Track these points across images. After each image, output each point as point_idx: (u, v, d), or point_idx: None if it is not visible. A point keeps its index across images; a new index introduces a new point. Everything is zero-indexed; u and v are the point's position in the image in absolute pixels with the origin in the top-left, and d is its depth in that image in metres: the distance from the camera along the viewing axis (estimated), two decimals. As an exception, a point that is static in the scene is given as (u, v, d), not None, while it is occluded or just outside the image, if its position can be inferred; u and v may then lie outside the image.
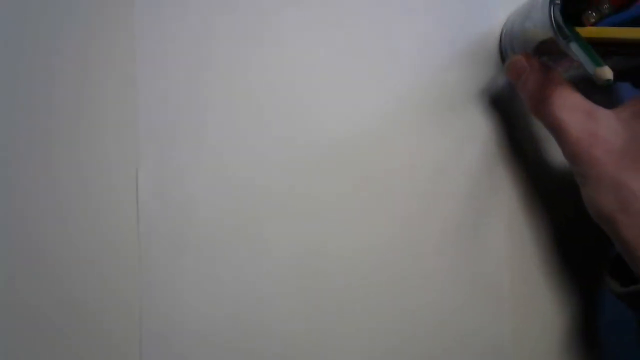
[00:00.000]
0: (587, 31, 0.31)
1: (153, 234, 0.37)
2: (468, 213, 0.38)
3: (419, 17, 0.38)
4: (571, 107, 0.31)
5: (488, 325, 0.37)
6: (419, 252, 0.37)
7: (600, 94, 0.34)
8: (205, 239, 0.37)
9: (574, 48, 0.30)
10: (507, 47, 0.37)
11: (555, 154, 0.38)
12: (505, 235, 0.38)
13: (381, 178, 0.37)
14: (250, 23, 0.38)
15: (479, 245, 0.38)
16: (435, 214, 0.37)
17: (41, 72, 0.37)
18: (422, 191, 0.37)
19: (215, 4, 0.38)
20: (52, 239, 0.37)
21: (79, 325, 0.37)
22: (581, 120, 0.31)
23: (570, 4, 0.33)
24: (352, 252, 0.37)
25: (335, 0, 0.38)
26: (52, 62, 0.37)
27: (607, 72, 0.27)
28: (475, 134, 0.38)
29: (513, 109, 0.38)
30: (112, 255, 0.37)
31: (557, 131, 0.31)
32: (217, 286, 0.37)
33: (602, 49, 0.30)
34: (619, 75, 0.29)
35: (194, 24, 0.37)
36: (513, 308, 0.38)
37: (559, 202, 0.38)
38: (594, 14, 0.32)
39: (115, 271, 0.37)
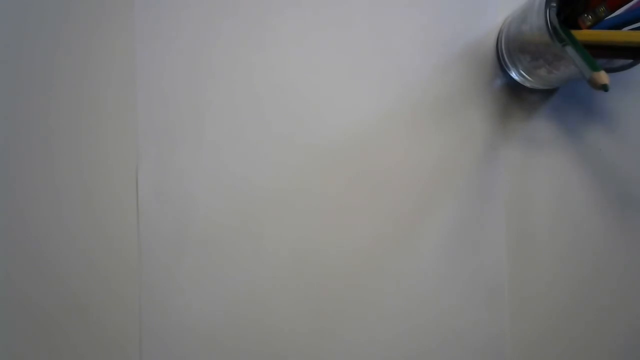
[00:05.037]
0: (583, 34, 0.32)
1: (153, 234, 0.37)
2: (466, 212, 0.38)
3: (418, 20, 0.38)
4: None
5: (487, 324, 0.38)
6: (418, 250, 0.38)
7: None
8: (204, 238, 0.37)
9: (570, 52, 0.30)
10: (504, 50, 0.37)
11: (553, 154, 0.38)
12: (503, 234, 0.38)
13: (380, 177, 0.38)
14: (250, 23, 0.38)
15: (477, 244, 0.38)
16: (435, 213, 0.38)
17: (41, 72, 0.37)
18: (421, 190, 0.38)
19: (215, 4, 0.38)
20: (52, 238, 0.37)
21: (80, 324, 0.37)
22: None
23: (566, 7, 0.33)
24: (352, 251, 0.37)
25: (335, 2, 0.38)
26: (52, 62, 0.37)
27: (603, 77, 0.27)
28: (472, 134, 0.38)
29: (509, 109, 0.38)
30: (112, 255, 0.37)
31: None
32: (217, 286, 0.37)
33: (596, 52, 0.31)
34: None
35: (194, 24, 0.38)
36: (512, 307, 0.38)
37: (558, 202, 0.38)
38: (590, 16, 0.33)
39: (115, 271, 0.37)
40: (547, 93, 0.38)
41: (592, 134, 0.38)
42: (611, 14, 0.33)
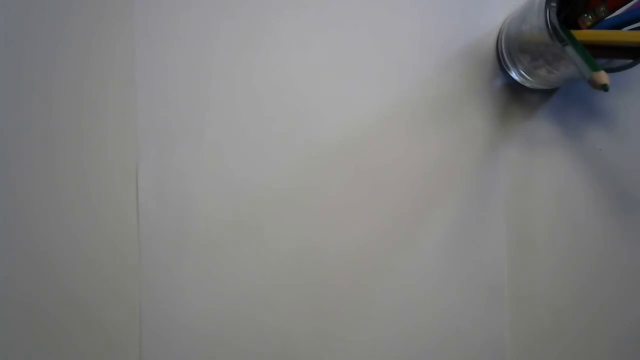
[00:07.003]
0: (583, 34, 0.32)
1: (153, 234, 0.37)
2: (466, 211, 0.38)
3: (418, 20, 0.38)
4: None
5: (487, 324, 0.38)
6: (418, 250, 0.38)
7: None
8: (205, 238, 0.37)
9: (570, 52, 0.30)
10: (504, 50, 0.37)
11: (553, 154, 0.38)
12: (503, 234, 0.38)
13: (380, 177, 0.38)
14: (250, 23, 0.38)
15: (477, 244, 0.38)
16: (435, 212, 0.38)
17: (41, 72, 0.37)
18: (421, 190, 0.38)
19: (215, 5, 0.38)
20: (52, 238, 0.37)
21: (80, 324, 0.37)
22: None
23: (566, 7, 0.33)
24: (352, 251, 0.37)
25: (335, 2, 0.38)
26: (52, 62, 0.37)
27: (603, 77, 0.27)
28: (472, 134, 0.38)
29: (509, 109, 0.38)
30: (112, 255, 0.37)
31: None
32: (217, 285, 0.37)
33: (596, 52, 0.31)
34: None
35: (194, 24, 0.38)
36: (512, 307, 0.38)
37: (558, 202, 0.38)
38: (590, 16, 0.33)
39: (116, 271, 0.37)
40: (547, 93, 0.38)
41: (592, 134, 0.38)
42: (611, 14, 0.33)
